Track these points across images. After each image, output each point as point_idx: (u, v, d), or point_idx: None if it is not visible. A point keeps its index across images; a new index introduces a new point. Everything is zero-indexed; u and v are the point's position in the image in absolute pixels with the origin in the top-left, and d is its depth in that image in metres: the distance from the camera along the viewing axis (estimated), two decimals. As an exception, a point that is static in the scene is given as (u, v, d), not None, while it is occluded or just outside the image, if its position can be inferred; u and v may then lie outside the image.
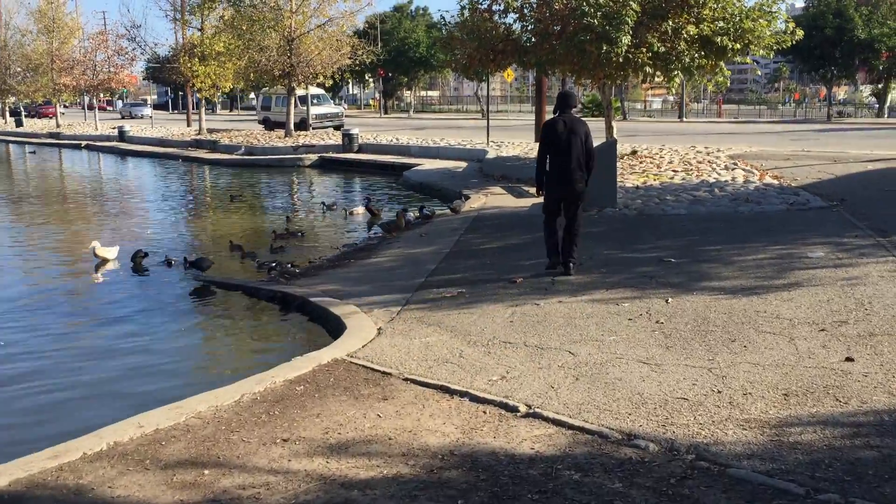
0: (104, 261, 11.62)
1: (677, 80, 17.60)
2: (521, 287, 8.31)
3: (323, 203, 17.08)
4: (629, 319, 6.84)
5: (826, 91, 53.34)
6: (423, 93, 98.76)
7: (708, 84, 18.77)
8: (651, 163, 18.84)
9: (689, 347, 6.02)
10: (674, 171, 17.19)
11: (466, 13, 19.24)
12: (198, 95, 41.23)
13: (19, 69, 57.14)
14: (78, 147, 42.54)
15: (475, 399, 5.20)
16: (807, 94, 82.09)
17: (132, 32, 40.19)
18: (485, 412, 4.98)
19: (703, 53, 17.05)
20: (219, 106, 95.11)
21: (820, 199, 13.11)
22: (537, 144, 9.06)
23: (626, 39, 16.24)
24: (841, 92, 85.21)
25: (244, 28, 33.78)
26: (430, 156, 25.79)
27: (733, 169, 17.03)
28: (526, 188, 17.19)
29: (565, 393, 5.19)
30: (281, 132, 35.22)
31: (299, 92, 38.22)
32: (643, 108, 75.96)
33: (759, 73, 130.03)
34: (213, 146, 34.15)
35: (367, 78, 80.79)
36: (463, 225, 12.86)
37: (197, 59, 37.69)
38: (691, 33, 16.82)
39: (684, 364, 5.64)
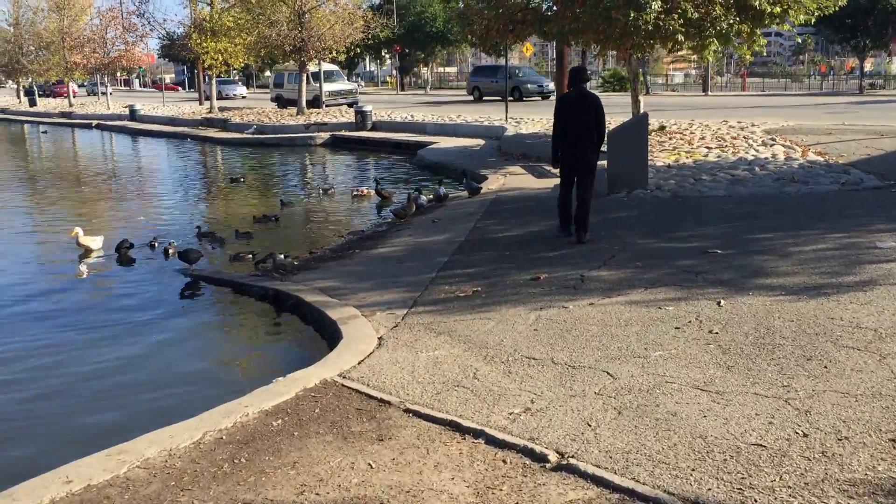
0: (88, 250, 10.65)
1: (712, 48, 16.29)
2: (545, 285, 7.22)
3: (321, 188, 16.04)
4: (676, 328, 5.75)
5: (859, 62, 51.38)
6: (440, 69, 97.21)
7: (745, 52, 17.38)
8: (681, 139, 17.60)
9: (756, 367, 4.91)
10: (707, 147, 15.95)
11: (484, -20, 17.98)
12: (209, 73, 40.14)
13: (32, 48, 56.35)
14: (89, 126, 41.88)
15: (493, 441, 4.14)
16: (833, 66, 79.76)
17: (140, 7, 38.98)
18: (505, 461, 3.93)
19: (739, 19, 15.72)
20: (237, 84, 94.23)
21: (874, 178, 11.87)
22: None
23: (655, 5, 14.97)
24: (867, 64, 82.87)
25: (253, 1, 32.62)
26: (447, 133, 24.64)
27: (772, 145, 15.76)
28: (547, 167, 16.05)
29: (606, 434, 4.12)
30: (294, 110, 34.15)
31: (312, 68, 37.08)
32: (665, 83, 74.06)
33: (783, 45, 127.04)
34: (224, 125, 33.20)
35: (383, 54, 79.49)
36: (479, 209, 11.77)
37: (207, 36, 36.59)
38: (727, -3, 15.52)
39: (752, 392, 4.54)
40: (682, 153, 15.40)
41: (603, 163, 13.53)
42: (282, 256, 8.98)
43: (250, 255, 9.81)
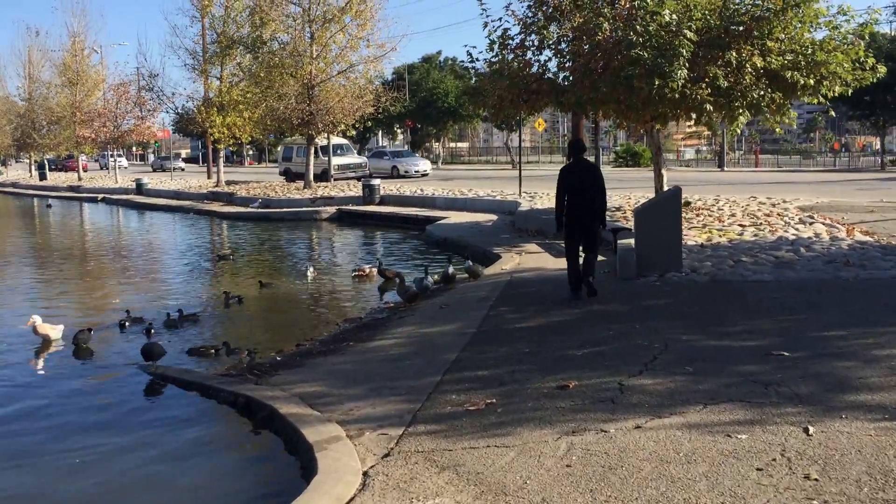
0: (46, 340, 9.35)
1: (742, 119, 15.17)
2: (575, 396, 5.83)
3: (306, 268, 14.44)
4: (758, 469, 4.33)
5: (879, 139, 50.50)
6: (452, 144, 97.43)
7: (775, 124, 16.25)
8: (709, 216, 16.35)
9: (888, 542, 3.49)
10: (740, 225, 14.67)
11: (496, 49, 17.06)
12: (217, 146, 39.61)
13: (44, 122, 56.46)
14: (95, 200, 41.31)
15: None
16: (845, 143, 79.13)
17: (150, 82, 38.65)
18: None
19: (771, 89, 14.65)
20: (247, 159, 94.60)
21: (940, 262, 10.52)
22: None
23: (682, 73, 13.91)
24: (876, 141, 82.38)
25: (262, 75, 32.13)
26: (457, 208, 23.53)
27: (811, 223, 14.46)
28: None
29: None
30: (301, 184, 33.30)
31: (321, 142, 36.45)
32: (675, 159, 73.56)
33: (794, 124, 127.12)
34: (230, 199, 32.44)
35: (395, 129, 79.62)
36: (492, 293, 10.44)
37: (214, 109, 36.14)
38: (757, 66, 14.48)
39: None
40: (713, 231, 14.12)
41: (630, 241, 12.28)
42: (246, 354, 7.66)
43: (213, 351, 8.51)
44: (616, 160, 57.07)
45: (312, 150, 33.45)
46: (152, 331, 9.56)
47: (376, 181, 27.29)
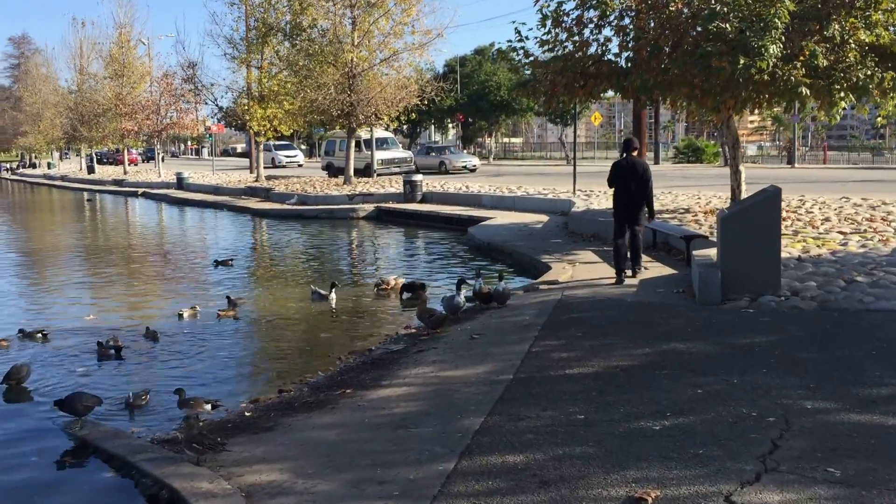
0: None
1: (843, 104, 12.69)
2: (660, 519, 3.70)
3: (315, 291, 11.39)
4: None
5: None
6: (505, 139, 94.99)
7: (883, 111, 13.73)
8: (798, 220, 13.90)
9: None
10: (840, 232, 12.23)
11: (549, 25, 14.84)
12: (257, 139, 38.08)
13: (91, 115, 55.88)
14: (136, 194, 40.37)
15: None
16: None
17: (187, 71, 37.23)
18: None
19: (881, 68, 12.17)
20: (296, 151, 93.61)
21: None
22: None
23: (774, 48, 11.55)
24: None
25: (300, 63, 30.37)
26: (505, 207, 21.36)
27: (930, 230, 11.97)
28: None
29: None
30: (342, 179, 31.49)
31: (364, 135, 34.59)
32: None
33: (860, 117, 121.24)
34: (267, 194, 30.79)
35: (446, 123, 77.61)
36: (538, 318, 8.31)
37: (254, 100, 34.55)
38: (863, 41, 12.03)
39: None
40: (808, 240, 11.72)
41: (708, 253, 10.02)
42: (208, 407, 5.68)
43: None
44: (676, 156, 54.04)
45: (353, 144, 31.58)
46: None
47: (418, 177, 25.25)
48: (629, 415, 5.20)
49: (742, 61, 11.70)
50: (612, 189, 10.63)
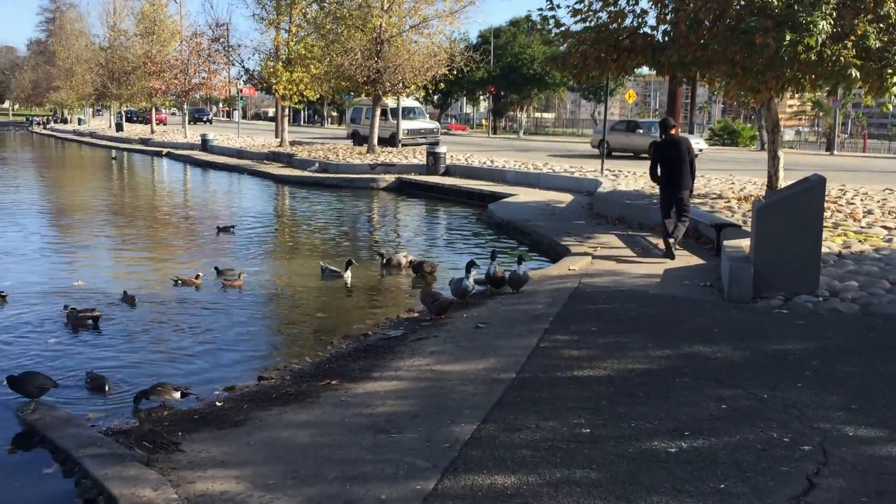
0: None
1: (895, 90, 11.78)
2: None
3: (326, 268, 10.54)
4: None
5: None
6: (537, 114, 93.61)
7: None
8: (837, 210, 13.06)
9: None
10: (885, 227, 11.39)
11: (583, -7, 13.99)
12: (283, 104, 37.51)
13: (121, 73, 55.56)
14: (160, 154, 40.16)
15: None
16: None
17: (215, 31, 36.62)
18: None
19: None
20: (328, 120, 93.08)
21: None
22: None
23: (823, 25, 10.67)
24: None
25: (327, 27, 29.63)
26: (529, 184, 20.63)
27: (981, 229, 11.09)
28: (653, 240, 11.82)
29: None
30: (366, 148, 30.86)
31: (391, 104, 33.86)
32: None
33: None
34: (289, 160, 30.31)
35: (477, 95, 76.45)
36: (550, 309, 7.66)
37: (281, 64, 33.91)
38: (920, 21, 11.11)
39: None
40: (849, 234, 10.90)
41: (740, 245, 9.28)
42: (177, 395, 5.12)
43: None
44: (711, 138, 52.65)
45: (378, 112, 30.87)
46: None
47: (442, 149, 24.52)
48: (642, 432, 4.55)
49: (788, 38, 10.85)
50: (652, 168, 10.76)
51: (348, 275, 10.23)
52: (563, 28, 14.69)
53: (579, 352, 6.25)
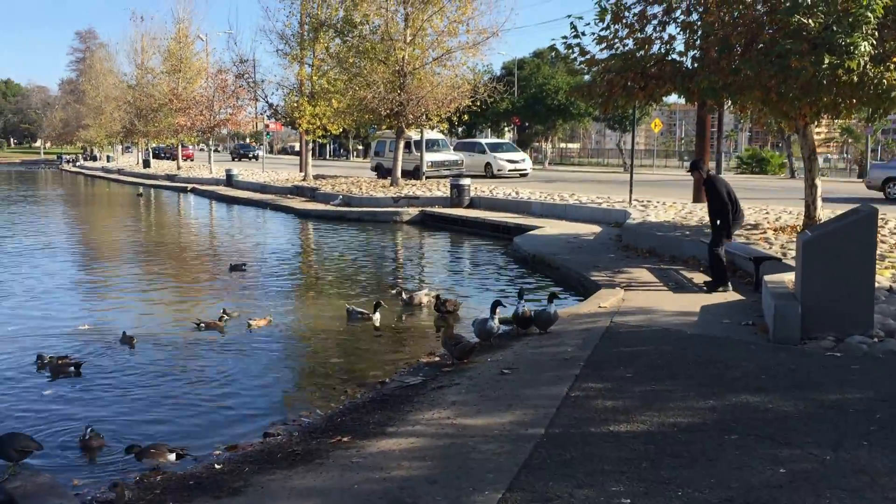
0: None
1: (942, 114, 11.21)
2: None
3: (352, 311, 10.01)
4: None
5: None
6: (562, 144, 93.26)
7: None
8: (881, 241, 12.36)
9: None
10: (935, 259, 10.72)
11: (608, 20, 13.58)
12: (307, 138, 37.49)
13: (148, 110, 56.15)
14: (185, 190, 40.32)
15: None
16: None
17: (240, 68, 36.74)
18: None
19: None
20: (353, 153, 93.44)
21: None
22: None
23: (865, 46, 10.14)
24: None
25: (350, 61, 29.53)
26: (556, 215, 20.13)
27: None
28: (687, 274, 11.25)
29: None
30: (390, 181, 30.58)
31: (414, 136, 33.65)
32: (802, 167, 66.89)
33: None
34: (312, 194, 30.11)
35: (502, 126, 76.36)
36: (581, 351, 7.13)
37: (304, 98, 33.89)
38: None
39: None
40: (899, 266, 10.26)
41: (783, 280, 8.69)
42: (171, 457, 4.66)
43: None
44: (739, 166, 51.89)
45: (402, 145, 30.63)
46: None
47: (466, 181, 24.13)
48: (692, 492, 3.99)
49: (827, 61, 10.32)
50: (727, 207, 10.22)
51: (377, 317, 9.72)
52: (588, 56, 14.26)
53: (614, 402, 5.70)
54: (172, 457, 5.05)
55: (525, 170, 38.17)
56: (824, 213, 13.87)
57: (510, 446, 4.92)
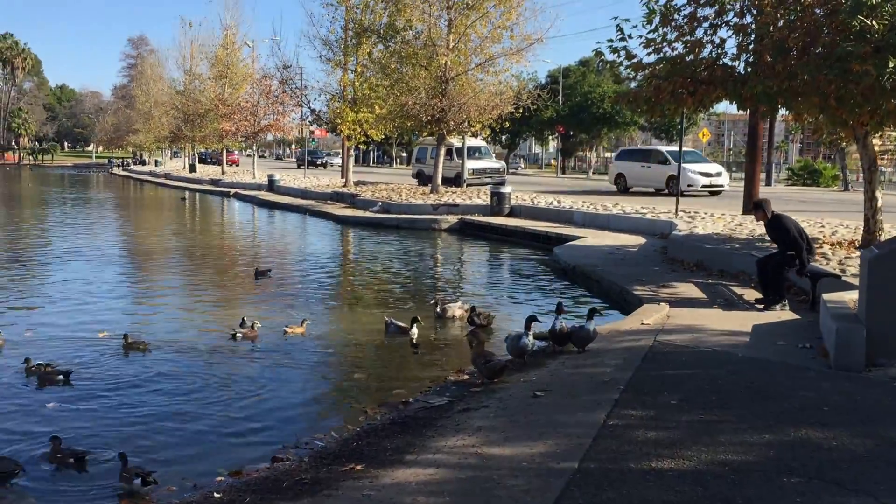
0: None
1: None
2: None
3: (391, 323, 9.61)
4: None
5: None
6: (607, 154, 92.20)
7: None
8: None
9: None
10: None
11: (656, 22, 12.98)
12: (348, 144, 37.33)
13: (194, 116, 56.70)
14: (228, 195, 40.48)
15: None
16: None
17: (283, 74, 36.75)
18: None
19: None
20: (396, 160, 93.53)
21: None
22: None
23: (935, 49, 9.42)
24: None
25: (392, 67, 29.25)
26: (598, 226, 19.51)
27: None
28: (738, 290, 10.60)
29: None
30: (430, 188, 30.21)
31: (456, 143, 33.24)
32: (856, 180, 65.02)
33: None
34: (352, 200, 29.86)
35: (546, 135, 75.65)
36: (621, 374, 6.57)
37: (346, 105, 33.72)
38: None
39: None
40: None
41: (844, 297, 8.03)
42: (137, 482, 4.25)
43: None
44: (790, 178, 50.49)
45: (442, 152, 30.23)
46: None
47: (507, 189, 23.61)
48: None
49: (892, 64, 9.62)
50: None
51: (415, 331, 9.24)
52: (634, 60, 13.66)
53: (657, 433, 5.15)
54: (138, 482, 4.63)
55: (722, 186, 29.87)
56: (886, 226, 13.10)
57: (539, 482, 4.41)
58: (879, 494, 4.07)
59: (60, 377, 7.02)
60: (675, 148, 28.40)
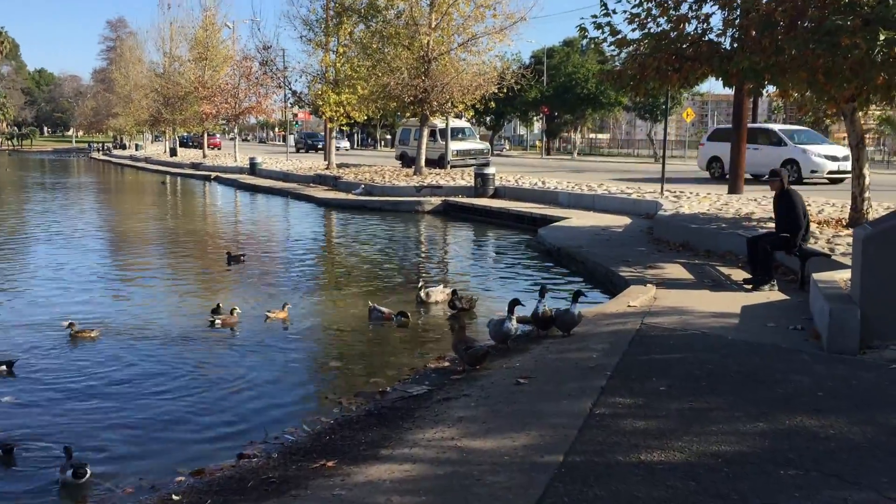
0: None
1: None
2: None
3: (375, 309, 9.21)
4: None
5: None
6: (591, 135, 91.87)
7: None
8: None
9: None
10: None
11: (641, -2, 12.65)
12: (330, 126, 36.84)
13: (174, 98, 55.88)
14: (209, 178, 39.96)
15: None
16: None
17: (262, 55, 36.12)
18: None
19: None
20: (381, 143, 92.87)
21: None
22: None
23: (928, 21, 9.16)
24: None
25: (374, 46, 28.77)
26: (583, 206, 19.26)
27: None
28: (725, 270, 10.38)
29: None
30: (413, 169, 29.84)
31: (439, 124, 32.82)
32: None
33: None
34: (335, 183, 29.52)
35: (530, 116, 75.20)
36: (607, 359, 6.32)
37: (328, 85, 33.21)
38: None
39: None
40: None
41: (835, 276, 7.81)
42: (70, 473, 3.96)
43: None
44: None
45: (426, 133, 29.84)
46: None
47: (491, 170, 23.29)
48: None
49: (883, 37, 9.36)
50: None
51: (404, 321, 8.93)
52: (619, 36, 13.34)
53: (646, 423, 4.90)
54: (69, 474, 4.34)
55: (848, 172, 22.90)
56: (872, 204, 12.92)
57: (522, 478, 4.15)
58: (882, 488, 3.84)
59: (3, 367, 6.66)
60: (791, 127, 24.29)
